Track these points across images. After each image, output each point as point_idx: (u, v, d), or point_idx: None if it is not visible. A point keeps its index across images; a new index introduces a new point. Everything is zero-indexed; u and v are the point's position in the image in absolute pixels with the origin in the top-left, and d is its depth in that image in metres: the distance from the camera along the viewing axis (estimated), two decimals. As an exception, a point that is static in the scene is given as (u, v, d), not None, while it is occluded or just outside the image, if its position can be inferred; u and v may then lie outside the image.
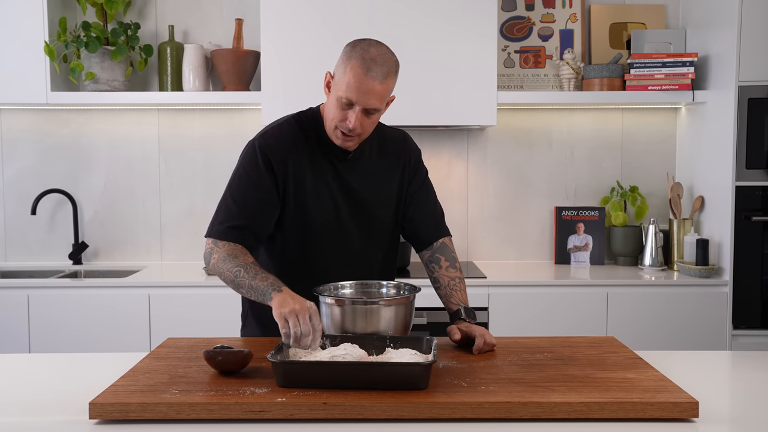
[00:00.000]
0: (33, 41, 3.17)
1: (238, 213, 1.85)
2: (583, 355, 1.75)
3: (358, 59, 1.76)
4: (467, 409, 1.40)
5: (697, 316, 3.04)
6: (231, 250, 1.81)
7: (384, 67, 1.78)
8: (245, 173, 1.88)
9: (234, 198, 1.87)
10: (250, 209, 1.85)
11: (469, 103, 3.13)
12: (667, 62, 3.22)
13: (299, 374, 1.48)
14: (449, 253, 2.01)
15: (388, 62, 1.79)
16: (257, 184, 1.86)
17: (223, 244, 1.82)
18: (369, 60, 1.76)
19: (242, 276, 1.75)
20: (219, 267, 1.80)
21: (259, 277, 1.74)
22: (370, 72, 1.76)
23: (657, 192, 3.55)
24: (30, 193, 3.48)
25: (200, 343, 1.84)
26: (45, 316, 3.00)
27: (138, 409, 1.40)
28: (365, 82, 1.76)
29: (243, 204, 1.85)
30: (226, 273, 1.78)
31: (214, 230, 1.86)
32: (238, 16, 3.44)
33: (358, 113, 1.79)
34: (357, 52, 1.78)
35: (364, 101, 1.78)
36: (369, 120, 1.83)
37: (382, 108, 1.83)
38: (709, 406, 1.48)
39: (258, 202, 1.86)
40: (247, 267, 1.76)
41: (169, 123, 3.52)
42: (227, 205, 1.87)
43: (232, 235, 1.83)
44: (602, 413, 1.41)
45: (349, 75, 1.76)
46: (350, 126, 1.80)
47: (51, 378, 1.74)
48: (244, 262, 1.78)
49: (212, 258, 1.83)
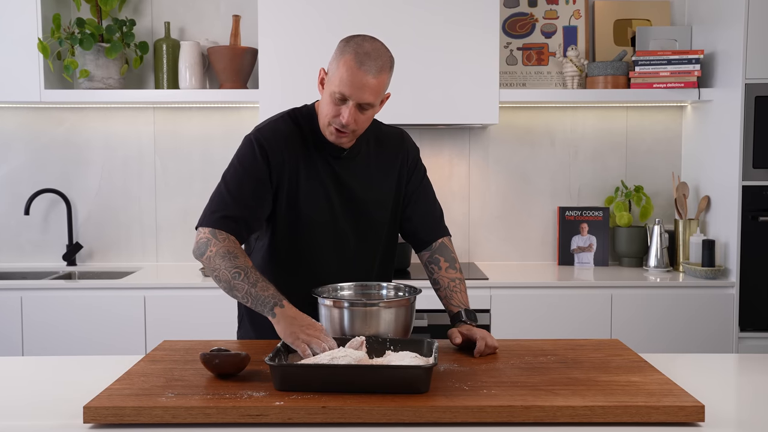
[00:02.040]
0: (26, 38, 3.17)
1: (232, 203, 1.84)
2: (586, 357, 1.75)
3: (351, 53, 1.77)
4: (469, 413, 1.40)
5: (703, 318, 3.04)
6: (230, 247, 1.78)
7: (378, 62, 1.78)
8: (240, 164, 1.88)
9: (229, 188, 1.86)
10: (244, 200, 1.85)
11: (470, 101, 3.13)
12: (673, 59, 3.22)
13: (298, 377, 1.48)
14: (449, 254, 2.01)
15: (383, 57, 1.79)
16: (252, 174, 1.86)
17: (222, 238, 1.79)
18: (363, 54, 1.76)
19: (241, 280, 1.73)
20: (216, 263, 1.77)
21: (259, 285, 1.72)
22: (364, 66, 1.76)
23: (662, 192, 3.55)
24: (23, 193, 3.48)
25: (197, 346, 1.83)
26: (38, 318, 3.00)
27: (133, 413, 1.40)
28: (358, 76, 1.76)
29: (238, 194, 1.84)
30: (223, 272, 1.75)
31: (207, 219, 1.84)
32: (236, 13, 3.44)
33: (351, 108, 1.79)
34: (351, 47, 1.78)
35: (357, 96, 1.78)
36: (363, 116, 1.83)
37: (377, 104, 1.83)
38: (715, 410, 1.48)
39: (253, 193, 1.85)
40: (248, 271, 1.74)
41: (165, 121, 3.52)
42: (221, 195, 1.86)
43: (225, 225, 1.81)
44: (606, 417, 1.41)
45: (342, 69, 1.77)
46: (343, 121, 1.80)
47: (44, 381, 1.74)
48: (244, 264, 1.75)
49: (208, 250, 1.79)
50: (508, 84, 3.47)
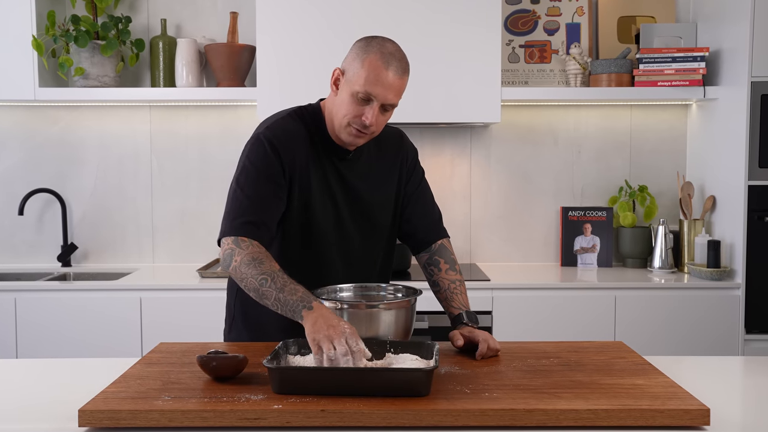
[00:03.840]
0: (20, 35, 3.17)
1: (251, 207, 1.80)
2: (590, 360, 1.75)
3: (376, 53, 1.78)
4: (470, 416, 1.40)
5: (708, 320, 3.04)
6: (254, 253, 1.73)
7: (403, 62, 1.81)
8: (253, 166, 1.84)
9: (246, 192, 1.82)
10: (263, 202, 1.81)
11: (472, 99, 3.13)
12: (678, 57, 3.22)
13: (296, 380, 1.48)
14: (448, 255, 2.01)
15: (404, 59, 1.83)
16: (267, 175, 1.83)
17: (246, 245, 1.75)
18: (388, 54, 1.78)
19: (268, 286, 1.68)
20: (242, 272, 1.73)
21: (287, 289, 1.67)
22: (391, 66, 1.78)
23: (667, 192, 3.55)
24: (17, 193, 3.48)
25: (194, 348, 1.83)
26: (33, 319, 3.00)
27: (129, 416, 1.40)
28: (385, 75, 1.77)
29: (255, 198, 1.81)
30: (250, 280, 1.71)
31: (228, 228, 1.80)
32: (233, 10, 3.44)
33: (375, 109, 1.80)
34: (374, 47, 1.79)
35: (383, 96, 1.78)
36: (383, 117, 1.84)
37: (397, 104, 1.85)
38: (720, 413, 1.48)
39: (270, 194, 1.83)
40: (275, 276, 1.69)
41: (162, 120, 3.52)
42: (239, 201, 1.82)
43: (248, 231, 1.77)
44: (610, 421, 1.41)
45: (368, 69, 1.77)
46: (367, 122, 1.80)
47: (39, 384, 1.74)
48: (270, 269, 1.71)
49: (233, 260, 1.74)
50: (510, 82, 3.47)
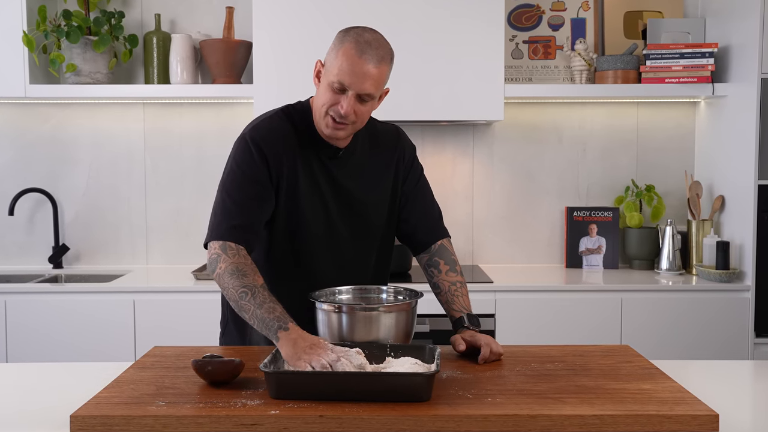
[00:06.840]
0: (10, 30, 3.17)
1: (237, 211, 1.82)
2: (595, 364, 1.75)
3: (351, 42, 1.78)
4: (472, 422, 1.41)
5: (717, 324, 3.04)
6: (239, 263, 1.75)
7: (379, 51, 1.79)
8: (239, 169, 1.86)
9: (231, 196, 1.84)
10: (249, 206, 1.83)
11: (474, 96, 3.13)
12: (686, 53, 3.22)
13: (294, 385, 1.48)
14: (449, 256, 2.01)
15: (383, 47, 1.81)
16: (253, 178, 1.85)
17: (233, 253, 1.77)
18: (363, 43, 1.78)
19: (248, 300, 1.70)
20: (225, 281, 1.75)
21: (265, 306, 1.68)
22: (365, 55, 1.77)
23: (674, 191, 3.55)
24: (7, 193, 3.48)
25: (188, 352, 1.83)
26: (23, 323, 3.00)
27: (122, 422, 1.40)
28: (359, 64, 1.76)
29: (241, 202, 1.83)
30: (231, 291, 1.73)
31: (214, 233, 1.82)
32: (229, 4, 3.44)
33: (351, 98, 1.79)
34: (350, 36, 1.79)
35: (357, 85, 1.78)
36: (362, 108, 1.83)
37: (376, 96, 1.83)
38: (729, 418, 1.48)
39: (256, 197, 1.84)
40: (255, 291, 1.70)
41: (156, 118, 3.52)
42: (224, 205, 1.84)
43: (234, 236, 1.79)
44: (616, 427, 1.41)
45: (342, 58, 1.77)
46: (342, 111, 1.80)
47: (29, 389, 1.74)
48: (252, 282, 1.72)
49: (218, 267, 1.77)
50: (513, 79, 3.47)
